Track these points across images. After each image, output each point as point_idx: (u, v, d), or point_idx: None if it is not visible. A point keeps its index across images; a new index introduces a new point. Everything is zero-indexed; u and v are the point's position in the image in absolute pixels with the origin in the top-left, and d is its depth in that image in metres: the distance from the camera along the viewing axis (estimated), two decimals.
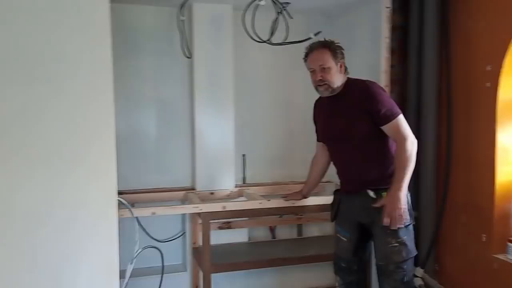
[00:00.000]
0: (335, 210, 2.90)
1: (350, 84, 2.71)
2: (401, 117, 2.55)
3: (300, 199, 3.24)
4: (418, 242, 3.25)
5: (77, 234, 1.69)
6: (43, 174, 1.67)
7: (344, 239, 2.85)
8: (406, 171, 2.49)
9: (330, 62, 2.65)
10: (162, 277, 2.23)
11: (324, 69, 2.65)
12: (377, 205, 2.56)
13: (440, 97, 3.16)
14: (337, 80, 2.67)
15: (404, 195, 2.49)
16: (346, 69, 2.73)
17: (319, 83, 2.68)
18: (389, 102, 2.59)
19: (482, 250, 2.85)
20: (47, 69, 1.69)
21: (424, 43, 3.20)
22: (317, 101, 2.97)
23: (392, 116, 2.53)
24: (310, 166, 3.17)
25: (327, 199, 3.39)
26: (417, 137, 3.21)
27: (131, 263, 2.05)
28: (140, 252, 2.06)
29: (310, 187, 3.22)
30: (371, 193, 2.63)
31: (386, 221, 2.49)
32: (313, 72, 2.71)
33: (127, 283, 2.13)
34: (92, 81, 1.74)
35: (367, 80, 2.69)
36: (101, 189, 1.74)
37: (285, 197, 3.29)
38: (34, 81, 1.66)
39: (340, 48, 2.71)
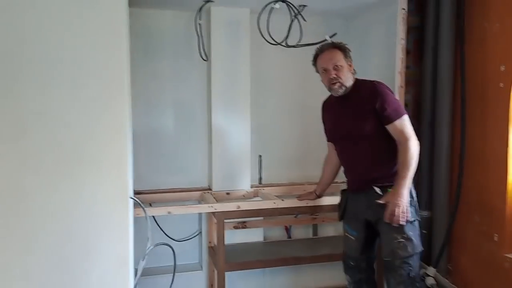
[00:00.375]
0: (342, 209, 2.97)
1: (358, 84, 2.77)
2: (405, 118, 2.61)
3: (314, 199, 3.29)
4: (431, 241, 3.27)
5: (91, 231, 1.75)
6: (59, 174, 1.73)
7: (352, 237, 2.90)
8: (409, 169, 2.54)
9: (342, 61, 2.73)
10: (174, 274, 2.28)
11: (337, 68, 2.73)
12: (381, 201, 2.60)
13: (455, 98, 3.17)
14: (349, 79, 2.75)
15: (406, 193, 2.53)
16: (354, 70, 2.81)
17: (333, 81, 2.74)
18: (395, 102, 2.65)
19: (494, 249, 2.85)
20: (63, 71, 1.73)
21: (439, 44, 3.22)
22: (325, 102, 3.04)
23: (396, 116, 2.59)
24: (322, 166, 3.21)
25: None
26: (431, 137, 3.27)
27: (143, 260, 2.12)
28: (151, 249, 2.12)
29: (323, 187, 3.27)
30: (378, 190, 2.67)
31: (389, 218, 2.54)
32: (325, 71, 2.77)
33: (138, 278, 2.18)
34: (108, 84, 1.78)
35: (375, 81, 2.75)
36: (114, 189, 1.78)
37: (299, 197, 3.33)
38: (51, 83, 1.71)
39: (349, 49, 2.80)
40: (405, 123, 2.60)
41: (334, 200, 3.46)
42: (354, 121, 2.75)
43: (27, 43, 1.71)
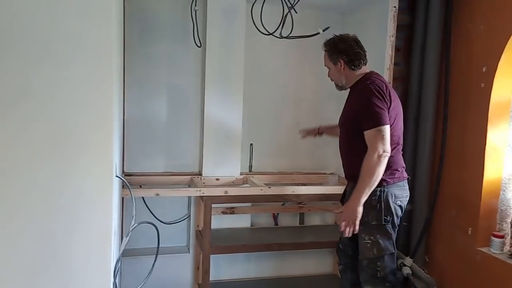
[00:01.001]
0: (342, 194, 3.00)
1: (363, 80, 2.73)
2: (381, 129, 2.51)
3: (314, 135, 3.37)
4: (411, 233, 3.38)
5: (75, 206, 1.80)
6: (45, 150, 1.77)
7: None
8: (366, 184, 2.51)
9: (329, 63, 2.84)
10: (157, 253, 2.37)
11: (328, 69, 2.87)
12: (337, 211, 2.68)
13: (439, 96, 3.26)
14: (339, 78, 2.82)
15: (360, 207, 2.52)
16: (352, 64, 2.75)
17: (331, 80, 2.91)
18: (376, 110, 2.53)
19: (468, 242, 2.97)
20: (51, 48, 1.72)
21: (427, 43, 3.29)
22: None
23: (371, 125, 2.53)
24: None
25: (328, 189, 3.56)
26: (416, 133, 3.35)
27: (127, 236, 2.21)
28: (135, 226, 2.21)
29: (329, 128, 3.30)
30: (349, 188, 2.77)
31: (341, 227, 2.58)
32: None
33: (121, 253, 2.28)
34: (95, 63, 1.80)
35: (375, 82, 2.64)
36: (100, 166, 1.83)
37: (301, 131, 3.41)
38: (38, 60, 1.72)
39: (336, 46, 2.78)
40: (376, 135, 2.51)
41: (320, 189, 3.58)
42: (344, 116, 2.85)
43: (15, 18, 1.70)
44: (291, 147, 4.12)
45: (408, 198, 2.76)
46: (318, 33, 3.34)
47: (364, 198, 2.53)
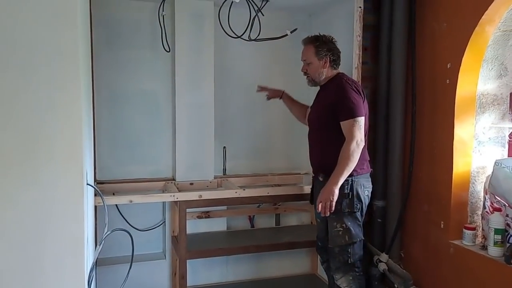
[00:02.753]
0: (311, 193, 3.18)
1: (336, 79, 2.95)
2: (357, 119, 2.74)
3: (279, 96, 3.47)
4: (385, 229, 3.42)
5: (45, 216, 1.78)
6: (12, 159, 1.74)
7: (318, 219, 3.10)
8: (344, 167, 2.72)
9: (312, 58, 2.96)
10: (132, 260, 2.36)
11: (308, 64, 2.99)
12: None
13: (407, 93, 3.31)
14: (319, 74, 2.97)
15: (337, 189, 2.72)
16: (334, 63, 2.98)
17: (304, 75, 3.05)
18: (352, 102, 2.77)
19: (441, 236, 3.01)
20: (16, 55, 1.71)
21: (393, 42, 3.34)
22: None
23: (347, 116, 2.75)
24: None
25: (303, 189, 3.58)
26: (386, 130, 3.40)
27: (100, 245, 2.18)
28: (108, 234, 2.19)
29: (290, 100, 3.47)
30: (320, 177, 2.93)
31: (318, 208, 2.77)
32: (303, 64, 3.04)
33: (94, 262, 2.26)
34: (61, 69, 1.78)
35: (349, 80, 2.93)
36: (69, 175, 1.81)
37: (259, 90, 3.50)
38: (2, 67, 1.70)
39: (326, 44, 2.96)
40: (353, 124, 2.73)
41: (295, 190, 3.60)
42: (316, 112, 3.04)
43: None
44: (265, 148, 4.15)
45: (371, 190, 2.95)
46: (286, 35, 3.39)
47: (341, 181, 2.72)
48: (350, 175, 2.77)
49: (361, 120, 2.76)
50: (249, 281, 3.93)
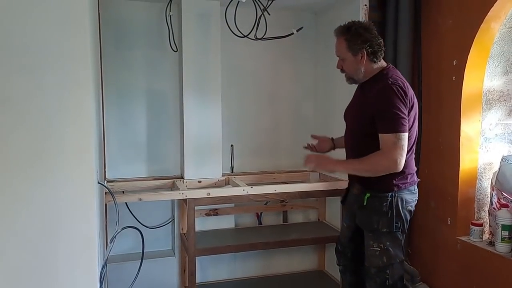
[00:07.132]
0: (344, 194, 2.85)
1: (380, 77, 2.52)
2: (399, 136, 2.33)
3: (327, 150, 3.04)
4: None
5: (57, 214, 1.81)
6: (24, 160, 1.77)
7: (345, 224, 2.88)
8: (359, 169, 2.50)
9: (345, 53, 2.52)
10: (142, 257, 2.38)
11: (342, 59, 2.57)
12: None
13: (413, 89, 3.31)
14: (356, 70, 2.54)
15: (335, 169, 2.73)
16: (374, 56, 2.50)
17: (341, 72, 2.63)
18: (397, 115, 2.34)
19: (448, 232, 3.03)
20: (26, 59, 1.74)
21: (398, 39, 3.35)
22: None
23: (390, 130, 2.35)
24: None
25: (309, 186, 3.61)
26: None
27: (111, 242, 2.22)
28: (119, 232, 2.22)
29: (340, 142, 2.96)
30: (355, 189, 2.63)
31: (306, 160, 2.66)
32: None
33: (106, 259, 2.29)
34: (72, 70, 1.81)
35: (396, 81, 2.43)
36: (80, 173, 1.84)
37: (307, 147, 3.11)
38: (12, 71, 1.72)
39: (361, 35, 2.47)
40: (393, 141, 2.33)
41: (302, 187, 3.62)
42: (356, 113, 2.64)
43: None
44: (271, 146, 4.17)
45: (417, 201, 2.63)
46: (292, 33, 3.39)
47: (344, 171, 2.65)
48: (390, 191, 2.47)
49: (404, 138, 2.34)
50: (257, 278, 3.96)
